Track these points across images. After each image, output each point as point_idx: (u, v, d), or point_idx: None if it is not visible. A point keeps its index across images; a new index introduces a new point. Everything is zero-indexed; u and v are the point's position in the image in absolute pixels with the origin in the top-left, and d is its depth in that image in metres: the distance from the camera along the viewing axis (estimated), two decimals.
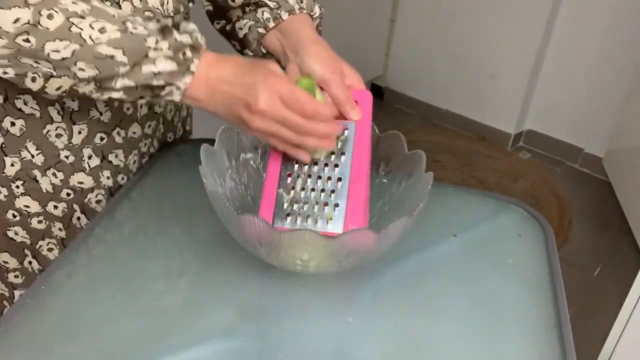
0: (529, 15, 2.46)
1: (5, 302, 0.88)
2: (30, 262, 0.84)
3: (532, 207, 0.88)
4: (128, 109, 0.82)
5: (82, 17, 0.60)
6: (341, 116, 0.72)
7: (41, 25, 0.58)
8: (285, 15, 0.78)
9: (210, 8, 0.87)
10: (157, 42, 0.63)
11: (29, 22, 0.58)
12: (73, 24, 0.59)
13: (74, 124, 0.78)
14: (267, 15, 0.79)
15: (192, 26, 0.66)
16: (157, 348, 0.64)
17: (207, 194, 0.67)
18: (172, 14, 0.77)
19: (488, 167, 2.60)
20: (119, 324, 0.66)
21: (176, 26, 0.65)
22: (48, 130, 0.76)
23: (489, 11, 2.56)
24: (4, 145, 0.76)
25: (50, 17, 0.58)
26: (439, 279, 0.75)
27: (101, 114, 0.79)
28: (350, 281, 0.74)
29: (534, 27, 2.47)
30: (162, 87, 0.64)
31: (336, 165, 0.70)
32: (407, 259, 0.77)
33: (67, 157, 0.79)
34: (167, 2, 0.76)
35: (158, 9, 0.74)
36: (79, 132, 0.78)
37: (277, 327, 0.67)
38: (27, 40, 0.58)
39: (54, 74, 0.61)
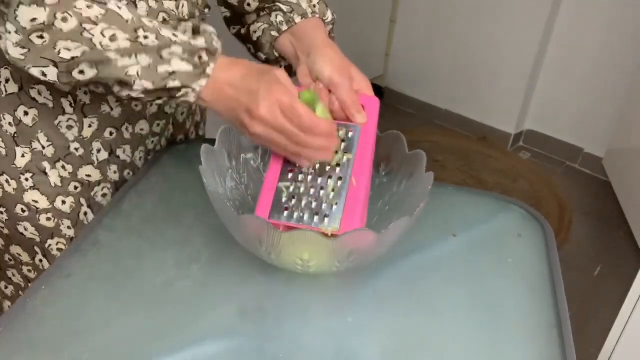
0: (529, 15, 2.46)
1: (20, 292, 0.90)
2: (41, 260, 0.86)
3: (532, 207, 0.88)
4: (137, 105, 0.84)
5: (95, 24, 0.61)
6: (347, 119, 0.74)
7: (55, 27, 0.60)
8: (298, 19, 0.80)
9: (228, 14, 0.89)
10: (170, 48, 0.64)
11: (44, 23, 0.60)
12: (85, 29, 0.61)
13: (85, 116, 0.79)
14: (280, 18, 0.81)
15: (210, 29, 0.68)
16: (157, 348, 0.64)
17: (208, 193, 0.67)
18: (186, 17, 0.79)
19: (488, 167, 2.60)
20: (120, 323, 0.66)
21: (196, 29, 0.67)
22: (60, 122, 0.78)
23: (489, 11, 2.56)
24: (16, 135, 0.78)
25: (64, 20, 0.60)
26: (439, 279, 0.75)
27: (112, 108, 0.81)
28: (350, 281, 0.74)
29: (534, 27, 2.47)
30: (179, 89, 0.66)
31: (337, 165, 0.71)
32: (407, 259, 0.77)
33: (76, 149, 0.81)
34: (182, 6, 0.77)
35: (173, 11, 0.76)
36: (90, 126, 0.80)
37: (277, 327, 0.67)
38: (41, 37, 0.60)
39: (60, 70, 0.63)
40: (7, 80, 0.75)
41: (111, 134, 0.83)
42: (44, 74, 0.63)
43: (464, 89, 2.79)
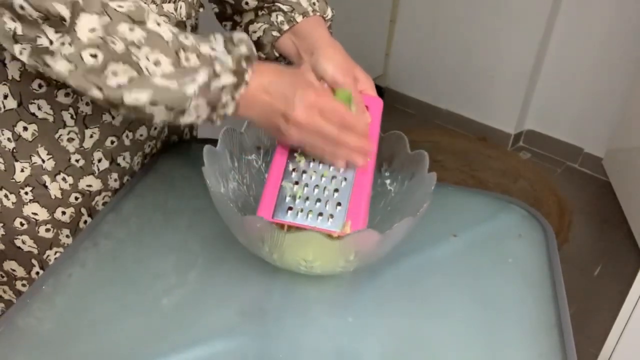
0: (529, 16, 2.46)
1: None
2: (37, 273, 0.84)
3: (532, 207, 0.88)
4: None
5: (139, 47, 0.59)
6: None
7: (109, 45, 0.58)
8: (299, 18, 0.79)
9: (218, 10, 0.87)
10: (215, 69, 0.61)
11: (101, 38, 0.57)
12: (132, 52, 0.59)
13: (87, 127, 0.78)
14: (281, 18, 0.80)
15: (244, 36, 0.65)
16: (158, 347, 0.64)
17: (210, 194, 0.67)
18: (184, 19, 0.78)
19: (488, 167, 2.60)
20: (121, 323, 0.67)
21: (228, 39, 0.64)
22: (60, 135, 0.77)
23: (489, 11, 2.56)
24: (15, 150, 0.76)
25: (113, 42, 0.58)
26: (439, 279, 0.75)
27: (113, 117, 0.80)
28: (350, 281, 0.75)
29: (534, 27, 2.47)
30: (225, 103, 0.64)
31: None
32: (407, 259, 0.77)
33: (77, 161, 0.80)
34: (181, 7, 0.76)
35: (172, 13, 0.75)
36: (91, 136, 0.79)
37: (278, 327, 0.68)
38: (94, 56, 0.58)
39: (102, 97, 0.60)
40: (5, 96, 0.73)
41: (112, 142, 0.82)
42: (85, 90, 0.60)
43: (464, 89, 2.79)
